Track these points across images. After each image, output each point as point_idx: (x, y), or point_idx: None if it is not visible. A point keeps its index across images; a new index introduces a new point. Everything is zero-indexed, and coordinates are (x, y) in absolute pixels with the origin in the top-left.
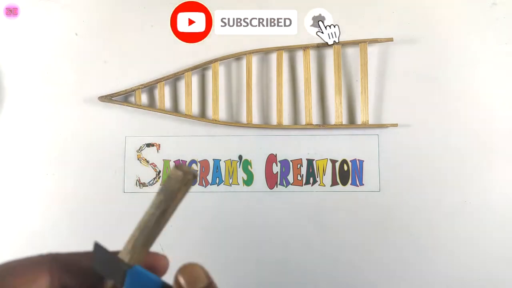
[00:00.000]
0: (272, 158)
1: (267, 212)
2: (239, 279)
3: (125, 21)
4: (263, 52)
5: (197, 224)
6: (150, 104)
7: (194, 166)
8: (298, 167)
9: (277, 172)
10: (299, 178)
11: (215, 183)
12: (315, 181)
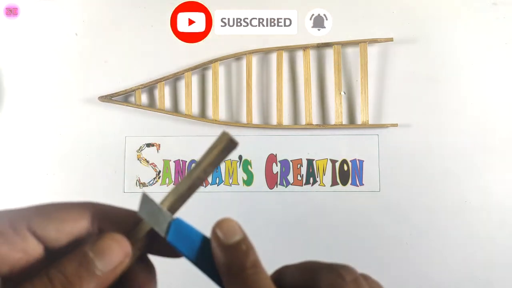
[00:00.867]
0: (272, 158)
1: (267, 212)
2: None
3: (125, 21)
4: (263, 52)
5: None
6: (150, 104)
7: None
8: (298, 167)
9: (277, 172)
10: (299, 178)
11: (215, 183)
12: (315, 181)
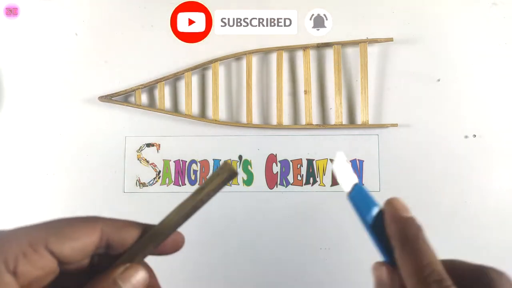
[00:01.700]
0: (272, 158)
1: (267, 212)
2: (239, 279)
3: (125, 21)
4: (263, 52)
5: (197, 224)
6: (150, 104)
7: (194, 166)
8: (298, 167)
9: (277, 172)
10: (299, 178)
11: None
12: (315, 181)
